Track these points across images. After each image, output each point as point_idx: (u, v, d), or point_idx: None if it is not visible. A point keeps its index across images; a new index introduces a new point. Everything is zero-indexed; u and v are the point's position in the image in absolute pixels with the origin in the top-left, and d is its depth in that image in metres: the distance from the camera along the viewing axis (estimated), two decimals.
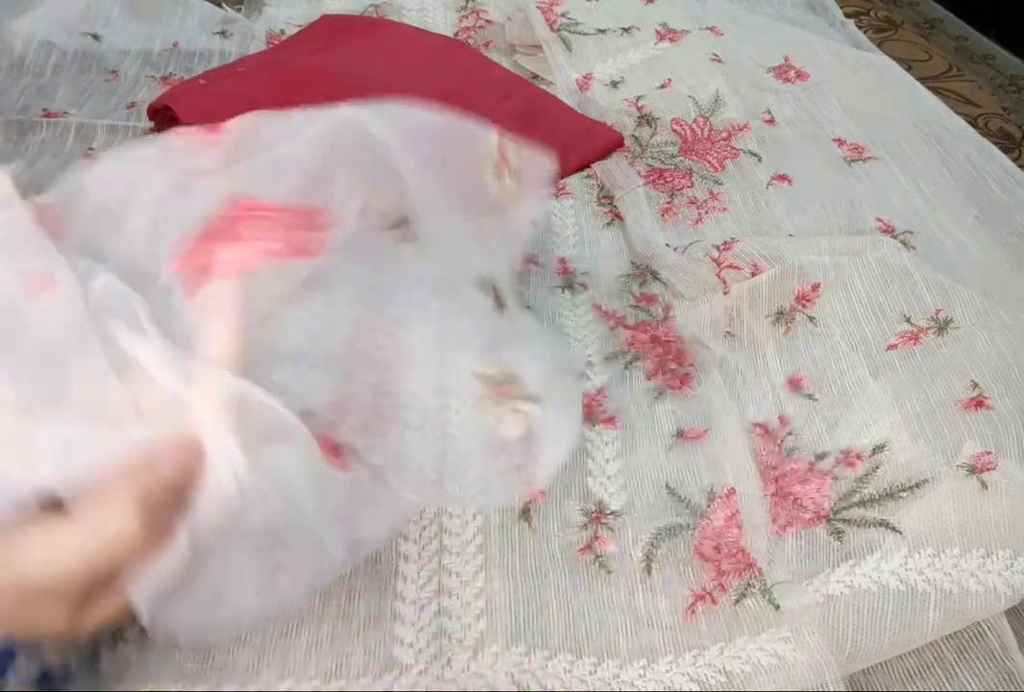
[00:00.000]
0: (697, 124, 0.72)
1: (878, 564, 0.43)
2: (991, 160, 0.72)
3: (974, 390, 0.49)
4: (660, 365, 0.55)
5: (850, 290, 0.56)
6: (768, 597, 0.42)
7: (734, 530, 0.45)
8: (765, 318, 0.57)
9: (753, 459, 0.48)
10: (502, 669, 0.40)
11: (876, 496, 0.46)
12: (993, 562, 0.42)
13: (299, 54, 0.81)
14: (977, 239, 0.65)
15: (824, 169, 0.70)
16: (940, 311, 0.54)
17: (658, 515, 0.47)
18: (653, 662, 0.41)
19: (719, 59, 0.79)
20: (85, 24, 0.84)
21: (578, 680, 0.40)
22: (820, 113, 0.77)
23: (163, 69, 0.82)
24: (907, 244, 0.61)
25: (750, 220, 0.65)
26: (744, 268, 0.57)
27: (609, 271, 0.62)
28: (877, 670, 0.42)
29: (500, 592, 0.42)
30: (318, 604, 0.42)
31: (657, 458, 0.50)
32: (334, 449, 0.34)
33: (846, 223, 0.64)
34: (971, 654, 0.42)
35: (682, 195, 0.68)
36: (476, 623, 0.41)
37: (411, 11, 0.91)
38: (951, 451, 0.46)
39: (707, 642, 0.41)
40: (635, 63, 0.79)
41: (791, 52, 0.82)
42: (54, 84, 0.78)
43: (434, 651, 0.41)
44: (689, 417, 0.52)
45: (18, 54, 0.80)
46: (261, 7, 0.92)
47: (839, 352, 0.54)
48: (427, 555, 0.44)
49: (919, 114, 0.77)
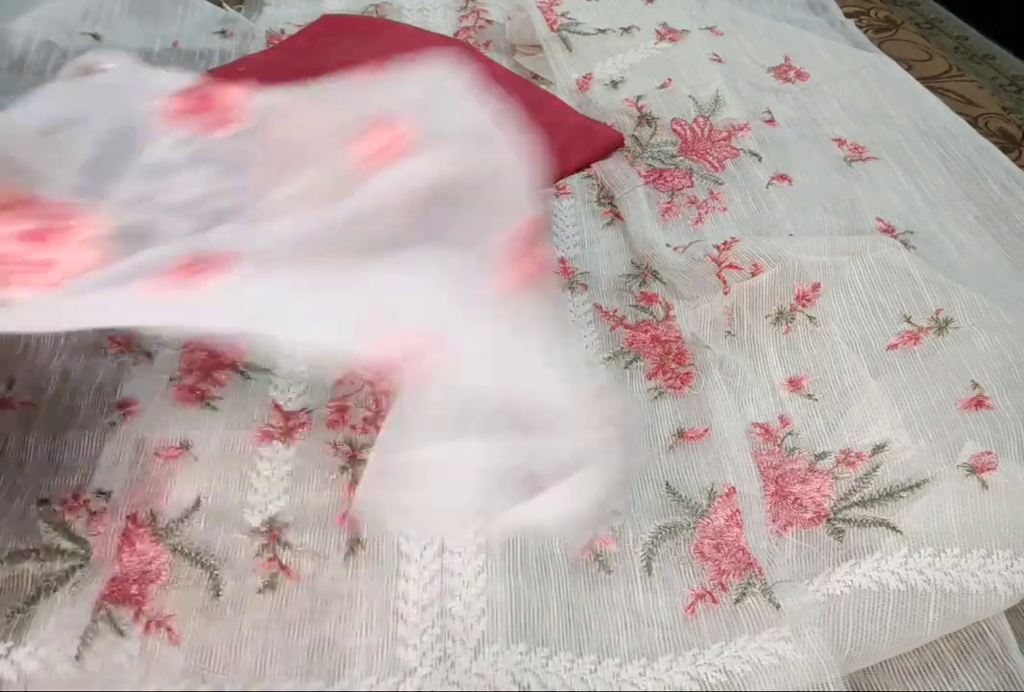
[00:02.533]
0: (697, 124, 0.72)
1: (878, 564, 0.43)
2: (991, 160, 0.72)
3: (974, 390, 0.49)
4: (660, 365, 0.55)
5: (850, 290, 0.56)
6: (768, 596, 0.42)
7: (734, 529, 0.45)
8: (765, 318, 0.57)
9: (753, 459, 0.48)
10: (503, 668, 0.40)
11: (876, 496, 0.46)
12: (993, 562, 0.42)
13: (299, 54, 0.81)
14: (977, 239, 0.65)
15: (824, 169, 0.70)
16: (940, 311, 0.54)
17: (658, 514, 0.47)
18: (653, 661, 0.41)
19: (719, 59, 0.79)
20: (85, 24, 0.84)
21: (578, 679, 0.40)
22: (820, 113, 0.77)
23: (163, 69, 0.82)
24: (907, 244, 0.61)
25: (750, 220, 0.65)
26: (744, 268, 0.57)
27: (609, 271, 0.62)
28: (877, 670, 0.42)
29: (501, 592, 0.42)
30: (320, 605, 0.42)
31: (657, 458, 0.50)
32: None
33: (846, 223, 0.64)
34: (971, 654, 0.42)
35: (682, 195, 0.68)
36: (478, 623, 0.41)
37: (411, 11, 0.91)
38: (951, 451, 0.46)
39: (707, 641, 0.41)
40: (635, 63, 0.79)
41: (791, 52, 0.82)
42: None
43: (438, 653, 0.41)
44: (689, 417, 0.52)
45: (18, 54, 0.80)
46: (261, 7, 0.92)
47: (839, 352, 0.54)
48: (429, 556, 0.44)
49: (919, 114, 0.77)
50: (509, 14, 0.87)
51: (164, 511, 0.46)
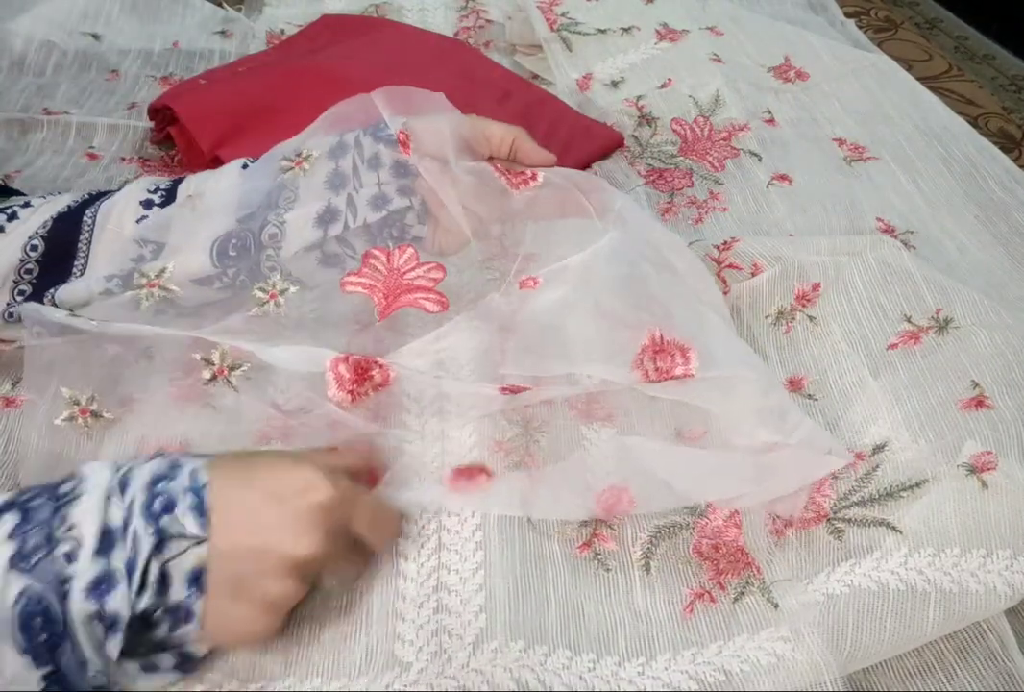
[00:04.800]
0: (697, 124, 0.72)
1: (878, 563, 0.43)
2: (991, 160, 0.72)
3: (974, 390, 0.49)
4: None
5: (850, 290, 0.56)
6: (767, 596, 0.42)
7: (733, 530, 0.45)
8: (765, 318, 0.57)
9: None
10: (501, 664, 0.40)
11: (876, 495, 0.46)
12: (993, 562, 0.42)
13: (299, 54, 0.81)
14: (977, 239, 0.65)
15: (824, 169, 0.70)
16: (940, 311, 0.54)
17: (657, 514, 0.46)
18: (652, 659, 0.41)
19: (719, 59, 0.79)
20: (85, 24, 0.84)
21: (577, 677, 0.40)
22: (820, 113, 0.77)
23: (163, 69, 0.83)
24: (907, 244, 0.61)
25: (750, 220, 0.65)
26: (744, 268, 0.57)
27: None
28: (877, 670, 0.42)
29: (499, 589, 0.42)
30: (319, 601, 0.42)
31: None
32: None
33: (846, 223, 0.64)
34: (971, 654, 0.42)
35: (682, 195, 0.68)
36: (475, 620, 0.41)
37: (411, 11, 0.91)
38: (951, 451, 0.46)
39: (706, 640, 0.41)
40: (635, 63, 0.79)
41: (791, 52, 0.82)
42: (55, 83, 0.78)
43: (434, 648, 0.41)
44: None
45: (18, 54, 0.80)
46: (261, 7, 0.92)
47: (839, 352, 0.54)
48: (426, 553, 0.44)
49: (919, 114, 0.77)
50: (509, 14, 0.88)
51: None
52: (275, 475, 0.38)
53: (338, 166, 0.48)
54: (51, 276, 0.48)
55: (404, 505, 0.44)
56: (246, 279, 0.48)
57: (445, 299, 0.48)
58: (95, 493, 0.35)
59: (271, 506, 0.36)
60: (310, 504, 0.36)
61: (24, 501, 0.35)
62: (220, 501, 0.36)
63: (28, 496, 0.35)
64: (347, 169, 0.48)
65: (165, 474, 0.36)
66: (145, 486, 0.36)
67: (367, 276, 0.48)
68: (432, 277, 0.48)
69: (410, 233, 0.50)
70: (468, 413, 0.48)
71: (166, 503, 0.35)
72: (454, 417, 0.48)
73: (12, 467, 0.48)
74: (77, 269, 0.48)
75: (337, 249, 0.49)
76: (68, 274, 0.48)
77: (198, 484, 0.36)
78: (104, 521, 0.34)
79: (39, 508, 0.34)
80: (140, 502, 0.35)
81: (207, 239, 0.47)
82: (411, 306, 0.48)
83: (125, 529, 0.34)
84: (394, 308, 0.48)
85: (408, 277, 0.47)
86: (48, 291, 0.47)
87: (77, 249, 0.48)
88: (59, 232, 0.48)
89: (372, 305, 0.48)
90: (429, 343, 0.49)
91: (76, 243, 0.48)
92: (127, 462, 0.38)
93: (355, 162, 0.48)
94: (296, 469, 0.38)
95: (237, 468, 0.38)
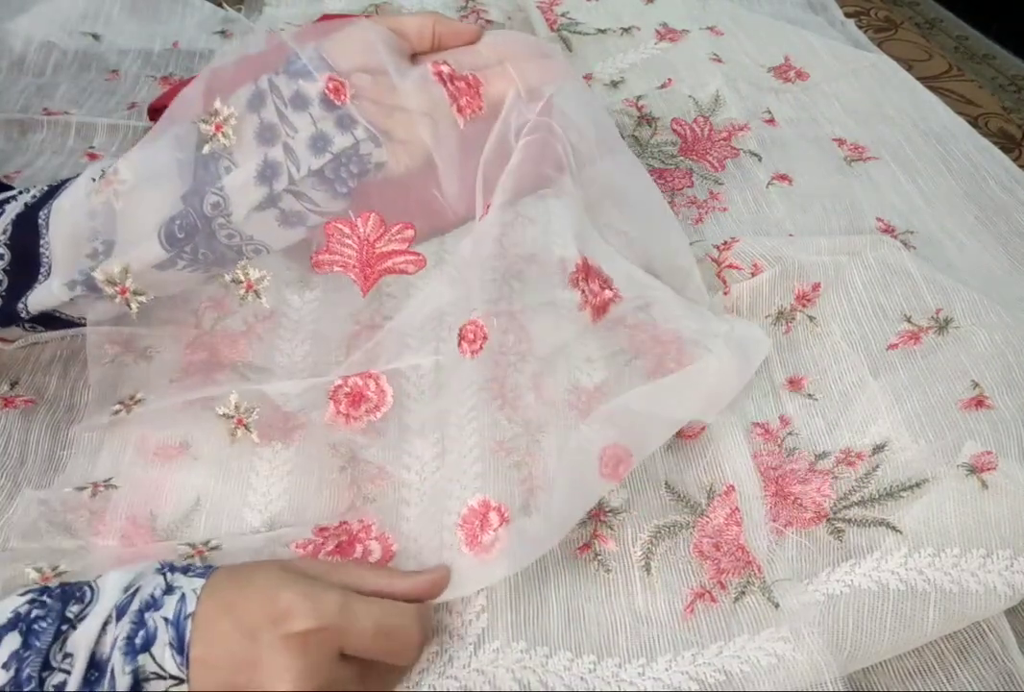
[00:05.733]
0: (697, 124, 0.72)
1: (878, 563, 0.43)
2: (991, 160, 0.72)
3: (974, 390, 0.49)
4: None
5: (850, 290, 0.56)
6: (768, 595, 0.42)
7: (734, 528, 0.45)
8: (765, 318, 0.57)
9: (753, 459, 0.48)
10: (503, 665, 0.40)
11: (876, 496, 0.46)
12: (993, 562, 0.42)
13: None
14: (977, 239, 0.65)
15: (824, 169, 0.70)
16: (940, 311, 0.54)
17: (657, 513, 0.47)
18: (652, 660, 0.41)
19: (719, 59, 0.79)
20: (85, 24, 0.84)
21: (578, 678, 0.40)
22: (820, 113, 0.77)
23: (163, 69, 0.83)
24: (907, 244, 0.61)
25: (750, 220, 0.65)
26: (744, 268, 0.57)
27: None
28: (877, 670, 0.42)
29: (500, 589, 0.42)
30: None
31: (656, 456, 0.50)
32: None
33: (846, 223, 0.64)
34: (971, 654, 0.42)
35: (682, 195, 0.68)
36: (477, 620, 0.41)
37: (411, 11, 0.91)
38: (951, 451, 0.46)
39: (706, 641, 0.41)
40: (635, 63, 0.79)
41: (791, 52, 0.82)
42: (54, 83, 0.78)
43: (435, 648, 0.41)
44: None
45: (18, 54, 0.80)
46: (261, 7, 0.92)
47: (839, 352, 0.54)
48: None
49: (919, 114, 0.77)
50: (509, 14, 0.87)
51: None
52: (258, 601, 0.35)
53: (262, 117, 0.44)
54: (21, 285, 0.46)
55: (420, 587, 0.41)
56: (207, 252, 0.44)
57: (422, 257, 0.46)
58: (95, 620, 0.34)
59: (246, 641, 0.34)
60: (285, 635, 0.34)
61: (31, 621, 0.33)
62: (201, 634, 0.34)
63: (36, 614, 0.34)
64: (272, 118, 0.43)
65: (156, 599, 0.35)
66: (134, 613, 0.34)
67: (337, 252, 0.45)
68: (404, 237, 0.45)
69: (371, 161, 0.45)
70: (466, 426, 0.47)
71: (147, 637, 0.33)
72: (454, 433, 0.47)
73: (12, 467, 0.48)
74: (43, 275, 0.46)
75: (296, 205, 0.45)
76: (35, 281, 0.46)
77: (182, 615, 0.34)
78: (94, 652, 0.33)
79: (42, 633, 0.33)
80: (124, 635, 0.33)
81: (155, 225, 0.44)
82: (390, 273, 0.46)
83: (107, 663, 0.33)
84: (374, 280, 0.46)
85: (379, 245, 0.45)
86: (20, 301, 0.46)
87: (40, 254, 0.46)
88: (18, 239, 0.46)
89: (356, 287, 0.46)
90: (417, 309, 0.48)
91: (37, 247, 0.46)
92: (143, 573, 0.36)
93: (277, 108, 0.44)
94: (279, 592, 0.35)
95: (227, 591, 0.36)
